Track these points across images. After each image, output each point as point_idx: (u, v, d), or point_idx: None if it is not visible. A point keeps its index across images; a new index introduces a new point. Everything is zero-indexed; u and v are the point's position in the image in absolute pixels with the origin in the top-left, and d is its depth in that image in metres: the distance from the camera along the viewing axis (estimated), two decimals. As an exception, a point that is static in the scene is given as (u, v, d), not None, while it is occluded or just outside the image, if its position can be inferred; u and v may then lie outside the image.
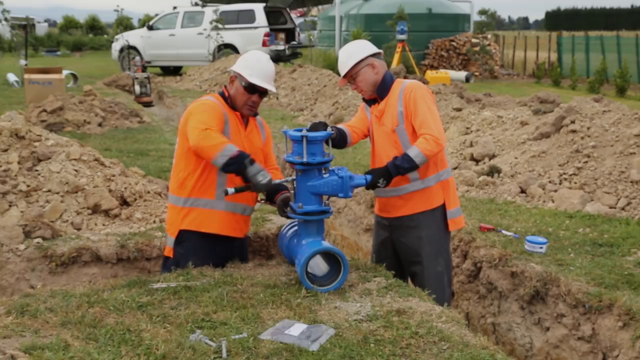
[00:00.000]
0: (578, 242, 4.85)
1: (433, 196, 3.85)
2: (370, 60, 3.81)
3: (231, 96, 3.70)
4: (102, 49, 37.47)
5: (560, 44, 23.56)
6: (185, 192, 3.67)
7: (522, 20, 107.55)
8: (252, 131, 3.82)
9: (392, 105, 3.80)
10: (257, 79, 3.62)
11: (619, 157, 6.11)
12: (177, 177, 3.71)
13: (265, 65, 3.69)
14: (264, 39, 21.22)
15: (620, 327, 3.71)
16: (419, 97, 3.71)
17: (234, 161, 3.32)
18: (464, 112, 9.64)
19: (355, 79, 3.82)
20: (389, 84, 3.85)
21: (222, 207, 3.68)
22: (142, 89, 14.42)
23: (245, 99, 3.66)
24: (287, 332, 2.79)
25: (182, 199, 3.68)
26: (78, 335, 2.72)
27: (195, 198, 3.65)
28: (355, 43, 3.95)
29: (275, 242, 4.59)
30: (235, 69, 3.67)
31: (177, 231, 3.72)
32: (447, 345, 2.73)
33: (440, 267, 3.92)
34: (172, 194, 3.76)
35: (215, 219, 3.68)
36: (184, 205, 3.68)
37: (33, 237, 4.37)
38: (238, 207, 3.74)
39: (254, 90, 3.64)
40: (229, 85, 3.73)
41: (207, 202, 3.66)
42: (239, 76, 3.65)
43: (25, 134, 5.52)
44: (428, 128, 3.64)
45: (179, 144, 3.70)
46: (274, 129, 10.18)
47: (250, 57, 3.72)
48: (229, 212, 3.71)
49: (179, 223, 3.71)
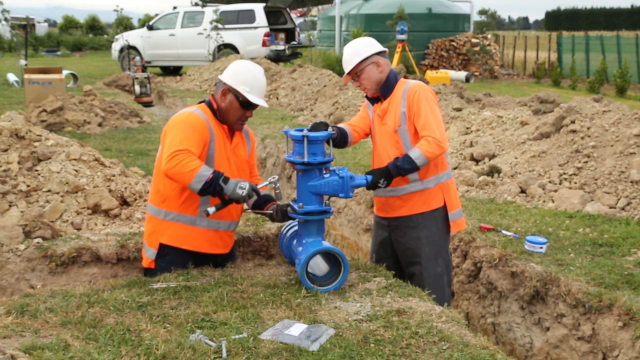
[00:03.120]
0: (578, 242, 4.85)
1: (432, 198, 3.85)
2: (376, 58, 3.80)
3: (222, 109, 3.54)
4: (102, 49, 37.49)
5: (560, 44, 23.56)
6: (167, 206, 3.53)
7: (522, 20, 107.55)
8: (238, 144, 3.68)
9: (395, 105, 3.79)
10: (255, 97, 3.50)
11: (619, 157, 6.11)
12: (158, 189, 3.57)
13: (261, 80, 3.56)
14: (264, 39, 21.24)
15: (620, 327, 3.71)
16: (422, 99, 3.70)
17: (209, 185, 3.22)
18: (464, 112, 9.64)
19: (360, 77, 3.80)
20: (393, 84, 3.84)
21: (204, 224, 3.55)
22: (142, 89, 14.42)
23: (240, 115, 3.54)
24: (287, 332, 2.79)
25: (163, 211, 3.54)
26: (78, 335, 2.72)
27: (177, 213, 3.52)
28: (361, 40, 3.92)
29: (275, 242, 4.59)
30: (231, 85, 3.50)
31: (158, 244, 3.58)
32: (447, 345, 2.73)
33: (440, 268, 3.92)
34: (153, 205, 3.60)
35: (196, 237, 3.55)
36: (164, 219, 3.55)
37: (33, 237, 4.37)
38: (222, 224, 3.62)
39: (249, 106, 3.52)
40: (220, 97, 3.53)
41: (189, 219, 3.53)
42: (234, 91, 3.49)
43: (25, 134, 5.52)
44: (430, 130, 3.63)
45: (160, 154, 3.51)
46: (274, 129, 10.21)
47: (246, 72, 3.54)
48: (212, 229, 3.58)
49: (159, 235, 3.57)
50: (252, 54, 20.11)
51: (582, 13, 64.52)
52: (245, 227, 4.72)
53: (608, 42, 21.99)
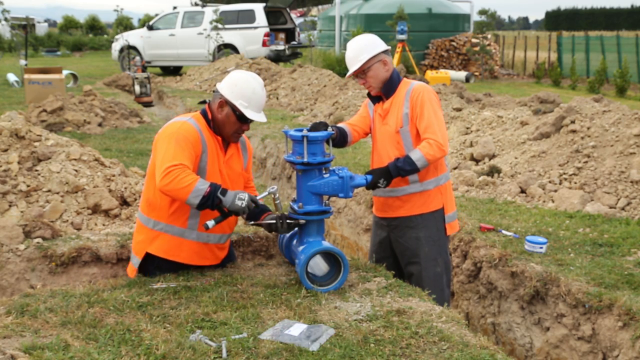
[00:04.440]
0: (578, 242, 4.85)
1: (431, 199, 3.84)
2: (383, 56, 3.76)
3: (218, 121, 3.43)
4: (102, 49, 37.48)
5: (560, 44, 23.56)
6: (156, 215, 3.44)
7: (522, 20, 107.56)
8: (233, 156, 3.57)
9: (397, 106, 3.78)
10: (253, 112, 3.40)
11: (619, 157, 6.11)
12: (148, 197, 3.47)
13: (260, 94, 3.43)
14: (264, 39, 21.24)
15: (620, 327, 3.71)
16: (426, 101, 3.69)
17: (207, 199, 3.14)
18: (464, 112, 9.64)
19: (366, 74, 3.75)
20: (396, 83, 3.82)
21: (193, 237, 3.47)
22: (142, 89, 14.43)
23: (236, 128, 3.44)
24: (287, 332, 2.79)
25: (152, 221, 3.45)
26: (78, 335, 2.72)
27: (166, 224, 3.43)
28: (367, 37, 3.84)
29: (275, 242, 4.59)
30: (229, 98, 3.38)
31: (144, 253, 3.49)
32: (447, 345, 2.73)
33: (439, 268, 3.91)
34: (142, 214, 3.52)
35: (184, 249, 3.47)
36: (153, 228, 3.45)
37: (33, 237, 4.37)
38: (212, 237, 3.53)
39: (246, 120, 3.42)
40: (217, 108, 3.42)
41: (178, 230, 3.44)
42: (231, 104, 3.38)
43: (25, 134, 5.52)
44: (432, 133, 3.63)
45: (151, 162, 3.45)
46: (274, 129, 10.20)
47: (245, 86, 3.40)
48: (202, 242, 3.50)
49: (147, 245, 3.48)
50: (252, 54, 20.12)
51: (582, 13, 64.54)
52: (245, 227, 4.72)
53: (608, 42, 21.98)
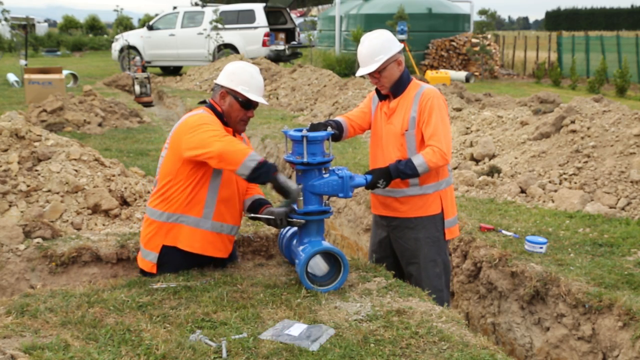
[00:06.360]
0: (578, 242, 4.85)
1: (430, 203, 3.83)
2: (398, 56, 3.74)
3: (225, 112, 3.54)
4: (102, 49, 37.48)
5: (560, 44, 23.55)
6: (170, 208, 3.48)
7: (522, 20, 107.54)
8: None
9: (405, 107, 3.75)
10: (255, 95, 3.50)
11: (619, 157, 6.11)
12: (162, 192, 3.52)
13: (258, 78, 3.57)
14: (264, 39, 21.25)
15: (620, 327, 3.71)
16: (435, 107, 3.66)
17: (262, 166, 3.19)
18: (464, 112, 9.64)
19: (381, 74, 3.70)
20: (406, 83, 3.79)
21: (208, 226, 3.52)
22: (142, 89, 14.43)
23: (242, 115, 3.54)
24: (287, 332, 2.79)
25: (166, 214, 3.50)
26: (78, 335, 2.72)
27: (181, 214, 3.48)
28: (383, 35, 3.75)
29: (275, 242, 4.59)
30: (229, 86, 3.50)
31: (160, 247, 3.53)
32: (447, 345, 2.73)
33: (439, 269, 3.91)
34: (154, 208, 3.55)
35: (198, 239, 3.52)
36: (167, 221, 3.50)
37: (33, 237, 4.37)
38: (225, 227, 3.60)
39: (249, 106, 3.53)
40: (219, 101, 3.54)
41: (193, 220, 3.50)
42: (233, 92, 3.49)
43: (25, 134, 5.52)
44: (438, 141, 3.61)
45: (168, 158, 3.50)
46: (274, 129, 10.20)
47: (242, 72, 3.54)
48: (215, 232, 3.56)
49: (162, 238, 3.53)
50: (252, 54, 20.12)
51: (582, 13, 64.54)
52: (245, 227, 4.72)
53: (608, 42, 21.98)
